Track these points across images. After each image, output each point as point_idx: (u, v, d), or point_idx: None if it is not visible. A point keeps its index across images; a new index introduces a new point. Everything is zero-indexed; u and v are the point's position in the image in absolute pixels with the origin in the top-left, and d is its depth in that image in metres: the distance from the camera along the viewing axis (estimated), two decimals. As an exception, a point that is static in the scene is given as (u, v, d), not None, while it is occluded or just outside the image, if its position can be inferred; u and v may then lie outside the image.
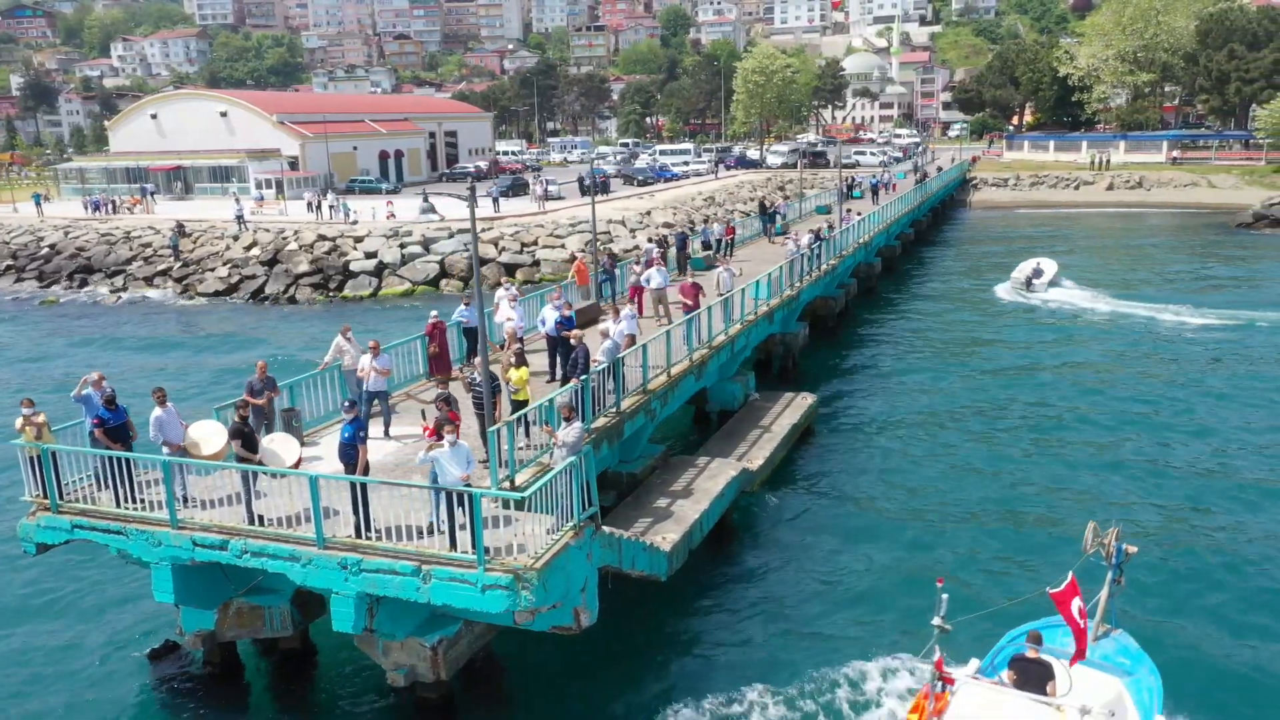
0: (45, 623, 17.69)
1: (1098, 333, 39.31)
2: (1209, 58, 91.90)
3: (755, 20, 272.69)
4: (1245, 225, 67.33)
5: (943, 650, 12.13)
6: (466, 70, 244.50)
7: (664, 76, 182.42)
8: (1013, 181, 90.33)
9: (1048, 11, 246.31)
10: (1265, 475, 23.61)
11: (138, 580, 18.16)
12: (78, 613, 17.96)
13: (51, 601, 18.38)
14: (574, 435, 14.22)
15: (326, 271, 52.72)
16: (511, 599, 12.72)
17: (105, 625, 17.51)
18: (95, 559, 18.71)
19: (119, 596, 18.31)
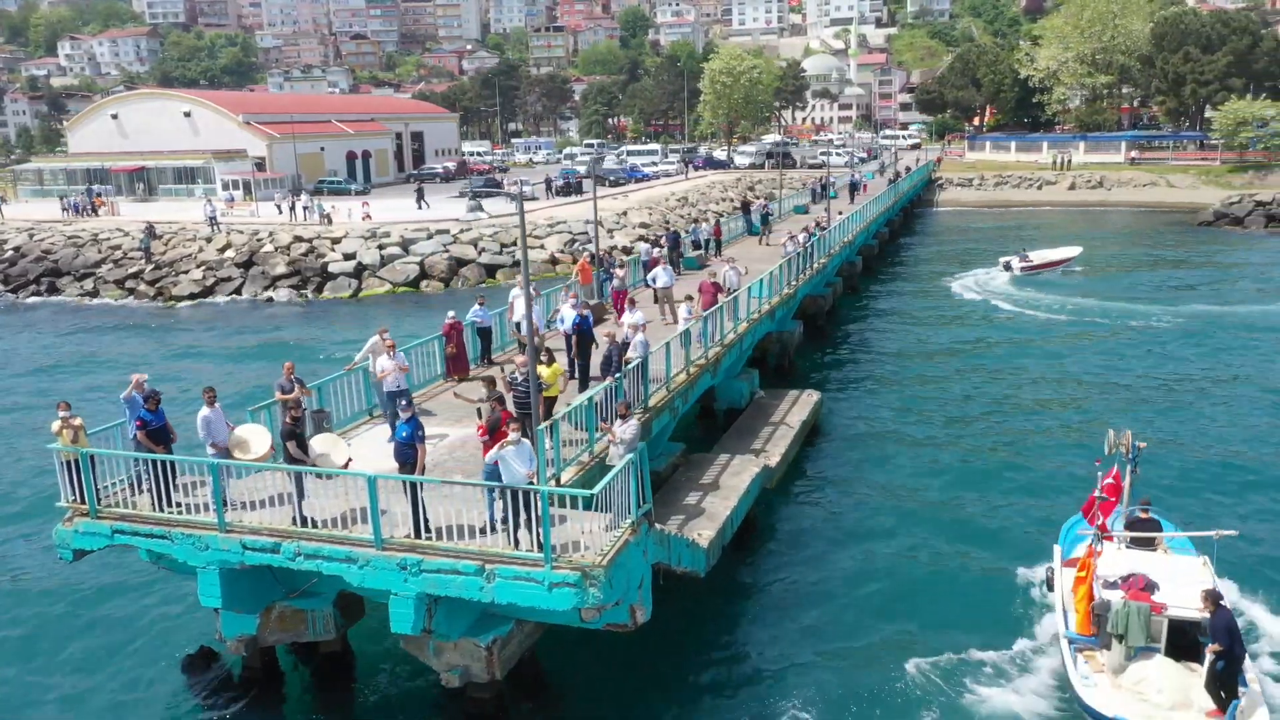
0: (76, 630, 17.33)
1: (1071, 324, 41.02)
2: (1165, 60, 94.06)
3: (713, 22, 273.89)
4: (1207, 223, 69.05)
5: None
6: (425, 71, 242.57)
7: (625, 77, 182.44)
8: (977, 182, 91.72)
9: (1000, 14, 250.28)
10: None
11: (168, 586, 17.91)
12: (108, 619, 17.61)
13: (81, 608, 18.01)
14: (631, 432, 14.25)
15: (305, 273, 52.09)
16: (579, 596, 12.71)
17: (137, 632, 17.19)
18: (123, 565, 18.35)
19: (149, 603, 17.99)
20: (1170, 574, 14.90)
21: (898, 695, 15.27)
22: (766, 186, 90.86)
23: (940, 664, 15.83)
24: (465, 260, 54.00)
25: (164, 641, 16.85)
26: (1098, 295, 46.14)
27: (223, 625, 15.42)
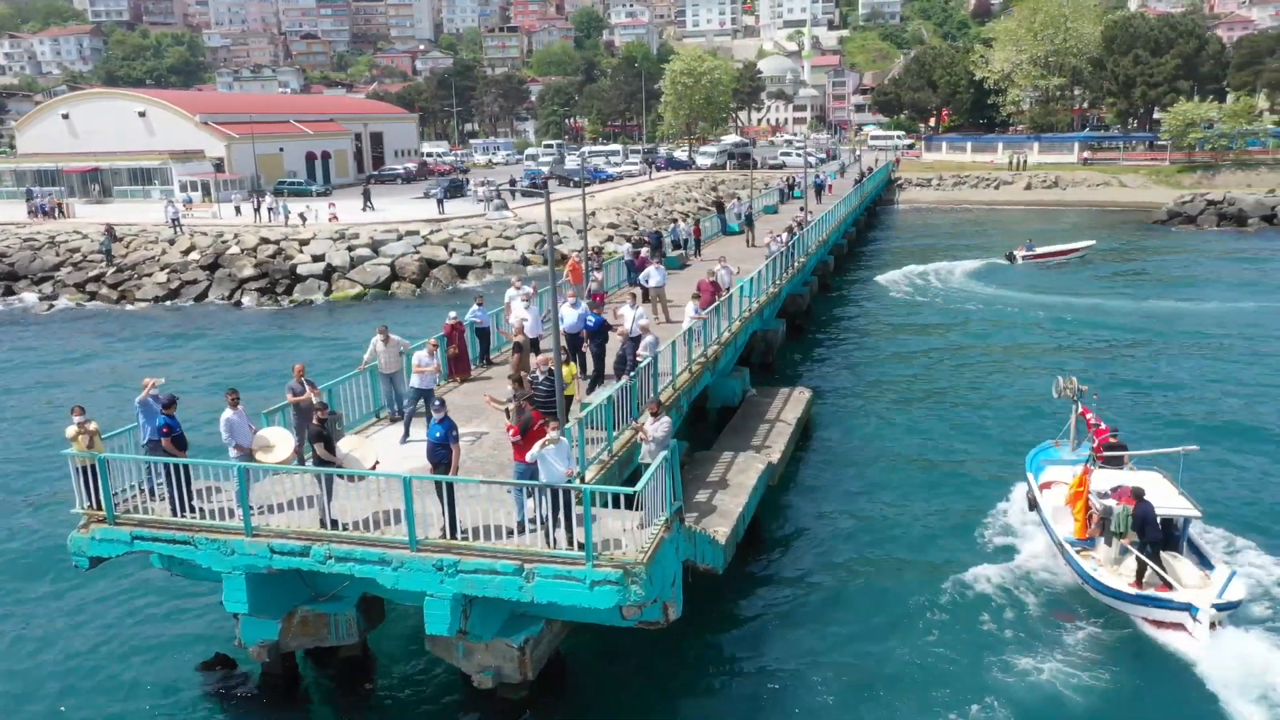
0: (87, 638, 16.92)
1: (1028, 312, 43.78)
2: (1115, 63, 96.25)
3: (667, 23, 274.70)
4: (1161, 222, 70.79)
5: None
6: (377, 71, 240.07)
7: (582, 78, 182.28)
8: (936, 181, 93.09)
9: (950, 17, 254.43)
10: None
11: (180, 592, 17.59)
12: (119, 627, 17.22)
13: (91, 616, 17.59)
14: (663, 430, 14.29)
15: (273, 275, 51.28)
16: (621, 594, 12.73)
17: (150, 639, 16.85)
18: (132, 572, 17.98)
19: (161, 609, 17.66)
20: (1146, 485, 17.64)
21: (925, 631, 16.94)
22: (730, 186, 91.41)
23: (955, 587, 18.02)
24: (436, 261, 53.60)
25: (178, 649, 16.52)
26: (1057, 288, 47.72)
27: (242, 631, 15.19)
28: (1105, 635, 16.60)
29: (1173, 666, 15.60)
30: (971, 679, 15.43)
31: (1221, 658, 15.20)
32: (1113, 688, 15.10)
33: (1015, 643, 16.38)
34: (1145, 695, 15.04)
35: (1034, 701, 14.85)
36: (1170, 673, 15.52)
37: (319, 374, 24.09)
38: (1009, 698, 14.93)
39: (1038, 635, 16.62)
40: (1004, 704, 14.78)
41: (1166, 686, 15.22)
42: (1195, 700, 14.80)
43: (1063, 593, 17.98)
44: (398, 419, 19.27)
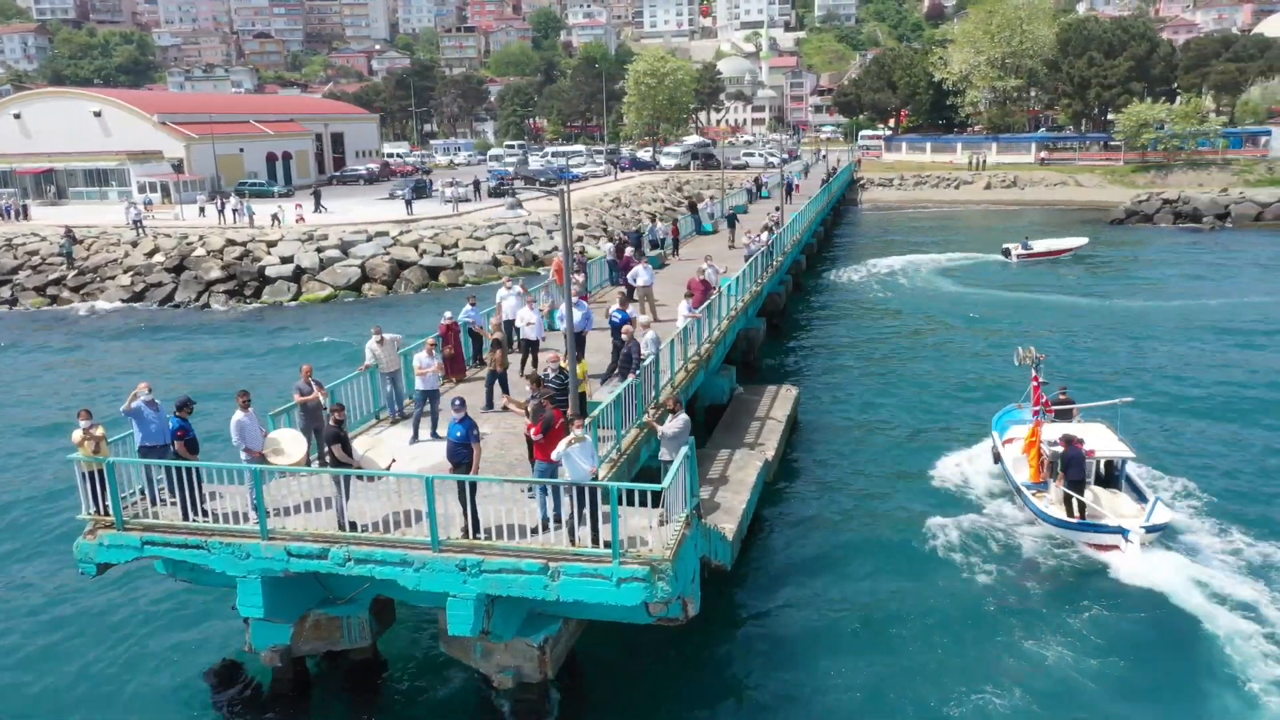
0: (91, 647, 16.57)
1: (991, 302, 45.80)
2: (1070, 65, 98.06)
3: (625, 24, 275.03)
4: (1119, 220, 72.27)
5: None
6: (333, 71, 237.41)
7: (541, 79, 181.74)
8: (898, 181, 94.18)
9: (904, 19, 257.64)
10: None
11: (183, 598, 17.30)
12: (122, 635, 16.89)
13: (94, 624, 17.23)
14: (678, 426, 14.32)
15: (241, 277, 50.54)
16: (648, 590, 12.74)
17: (154, 647, 16.54)
18: (132, 578, 17.64)
19: (165, 616, 17.33)
20: (1090, 434, 20.97)
21: (921, 573, 19.04)
22: (695, 187, 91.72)
23: (936, 537, 20.47)
24: (407, 263, 53.14)
25: (184, 656, 16.25)
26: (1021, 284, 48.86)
27: (253, 636, 15.00)
28: (1054, 561, 19.47)
29: (1109, 579, 18.47)
30: (961, 621, 17.46)
31: (1150, 570, 18.21)
32: (1061, 601, 17.96)
33: (987, 579, 18.86)
34: (1086, 603, 17.72)
35: (1013, 635, 16.97)
36: (1106, 584, 18.37)
37: (259, 380, 24.24)
38: (989, 625, 17.29)
39: (1005, 574, 18.99)
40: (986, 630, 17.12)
41: (1105, 596, 17.96)
42: (1131, 605, 17.56)
43: (1023, 530, 20.67)
44: (398, 420, 19.15)
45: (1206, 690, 15.23)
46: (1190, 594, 17.53)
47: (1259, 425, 27.33)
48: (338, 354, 36.46)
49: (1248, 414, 28.30)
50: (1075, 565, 19.20)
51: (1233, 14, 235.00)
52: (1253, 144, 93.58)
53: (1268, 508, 21.63)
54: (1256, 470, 24.04)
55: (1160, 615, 17.15)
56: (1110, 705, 14.94)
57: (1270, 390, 30.64)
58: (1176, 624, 16.88)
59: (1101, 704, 14.96)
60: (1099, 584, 18.38)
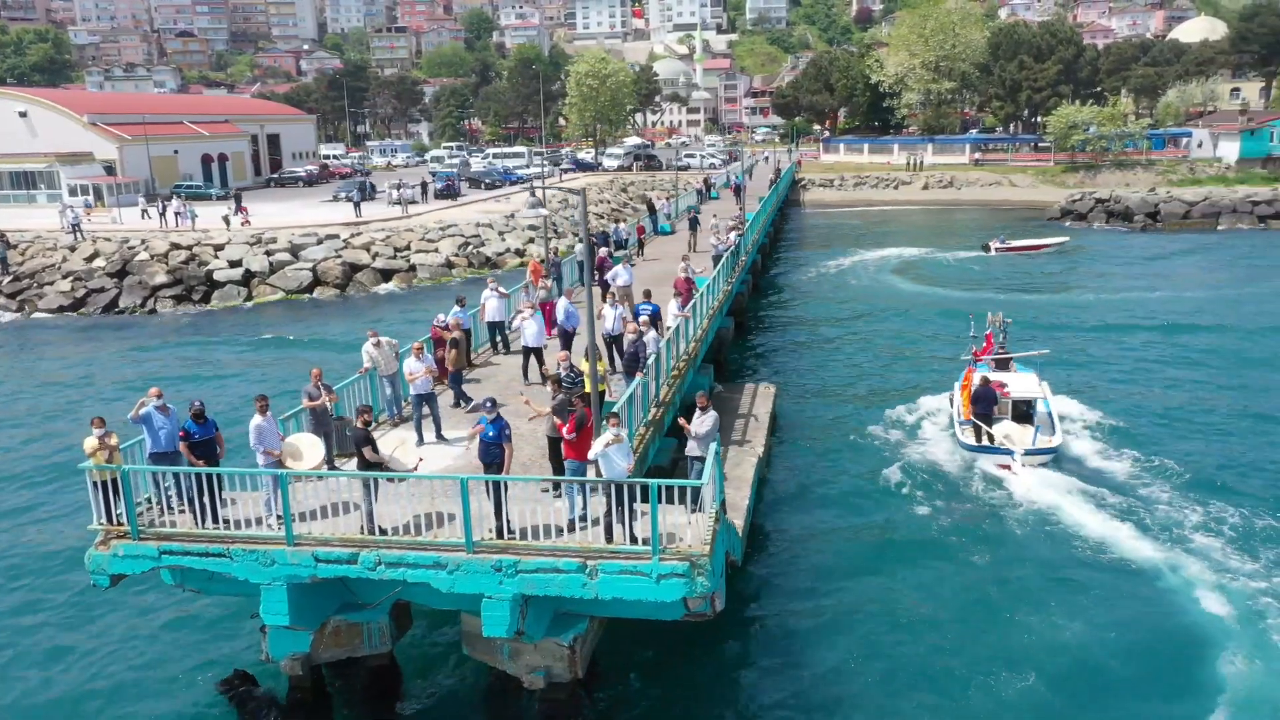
0: (97, 662, 16.05)
1: (947, 295, 45.11)
2: (1002, 68, 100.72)
3: (557, 25, 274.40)
4: (1055, 219, 74.45)
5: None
6: (260, 71, 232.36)
7: (476, 80, 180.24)
8: (838, 182, 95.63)
9: (834, 23, 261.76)
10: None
11: (188, 610, 16.88)
12: (129, 648, 16.39)
13: (99, 638, 16.69)
14: (709, 425, 14.44)
15: (188, 282, 49.29)
16: (688, 586, 12.85)
17: (163, 660, 16.11)
18: (135, 590, 17.12)
19: (170, 629, 16.88)
20: (1014, 380, 25.94)
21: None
22: (639, 188, 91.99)
23: (905, 467, 24.25)
24: (360, 265, 52.39)
25: (194, 668, 15.85)
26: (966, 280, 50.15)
27: (271, 645, 14.70)
28: (969, 479, 23.77)
29: (1003, 490, 22.95)
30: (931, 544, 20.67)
31: (1033, 483, 22.66)
32: (969, 514, 22.01)
33: (926, 509, 22.37)
34: (986, 517, 21.94)
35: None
36: (1001, 495, 22.81)
37: (263, 384, 24.18)
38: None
39: (936, 497, 22.90)
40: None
41: (999, 506, 22.27)
42: (1017, 515, 21.67)
43: (954, 458, 24.99)
44: (398, 422, 18.94)
45: (1053, 584, 18.66)
46: (1063, 503, 21.79)
47: (1175, 387, 31.80)
48: (297, 358, 35.90)
49: (1170, 379, 32.76)
50: (982, 482, 23.47)
51: (1146, 20, 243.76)
52: (1174, 145, 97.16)
53: (1159, 445, 25.79)
54: (1160, 415, 28.69)
55: (1036, 521, 21.37)
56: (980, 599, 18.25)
57: (1191, 364, 34.71)
58: (1047, 528, 21.04)
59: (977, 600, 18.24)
60: (996, 496, 22.76)
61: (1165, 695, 15.33)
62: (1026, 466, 23.02)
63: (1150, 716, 14.97)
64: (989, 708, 14.96)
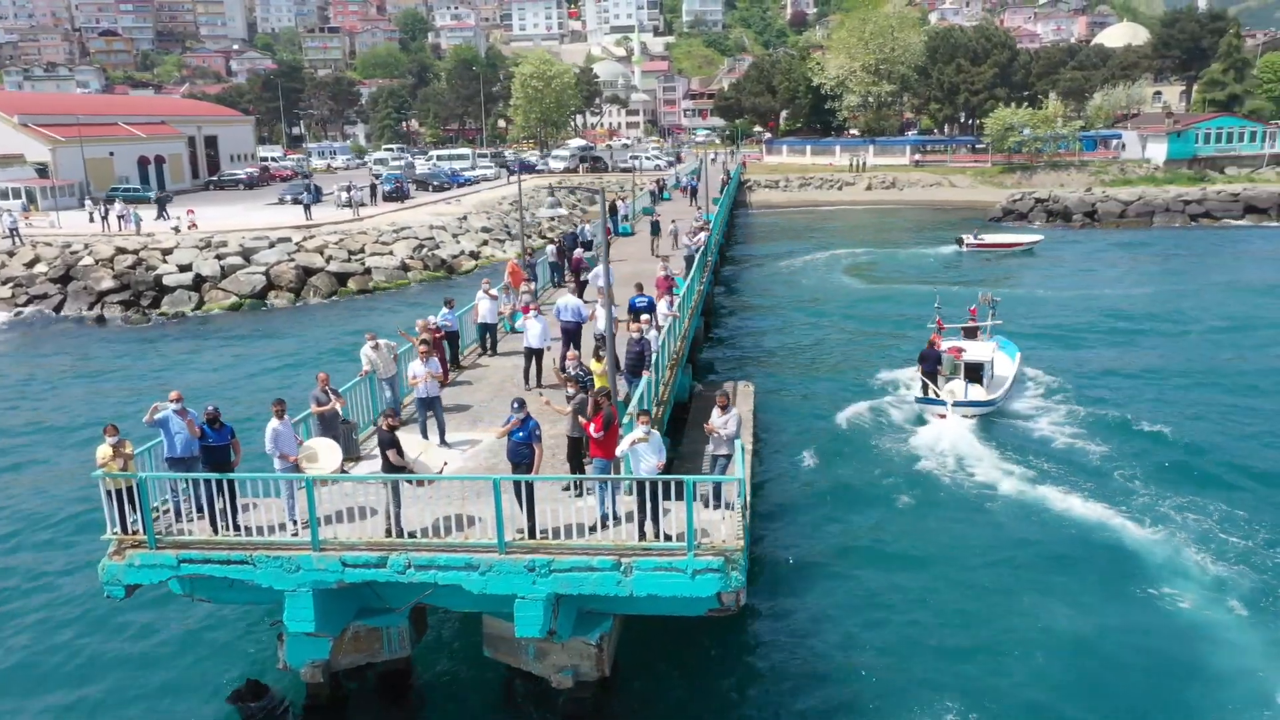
0: (103, 677, 15.55)
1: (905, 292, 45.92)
2: (940, 71, 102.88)
3: (493, 26, 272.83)
4: (997, 219, 76.27)
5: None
6: (188, 71, 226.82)
7: (414, 81, 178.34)
8: (783, 183, 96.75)
9: (769, 25, 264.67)
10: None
11: (192, 621, 16.48)
12: (135, 664, 15.92)
13: (104, 652, 16.16)
14: (735, 424, 14.55)
15: (136, 287, 47.92)
16: (723, 581, 12.96)
17: (171, 674, 15.66)
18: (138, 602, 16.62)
19: (173, 641, 16.42)
20: (972, 346, 29.29)
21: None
22: (586, 190, 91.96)
23: (885, 441, 26.40)
24: (314, 269, 51.46)
25: (204, 679, 15.47)
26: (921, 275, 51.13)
27: (289, 653, 14.46)
28: (919, 427, 27.25)
29: (938, 431, 26.54)
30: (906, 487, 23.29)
31: (960, 431, 26.30)
32: (907, 449, 25.70)
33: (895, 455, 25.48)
34: (923, 449, 25.56)
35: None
36: (935, 434, 26.33)
37: (216, 395, 24.03)
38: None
39: (895, 444, 26.25)
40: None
41: (933, 443, 25.90)
42: (942, 460, 24.87)
43: (912, 411, 28.54)
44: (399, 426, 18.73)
45: (958, 515, 21.66)
46: (978, 450, 25.36)
47: (1132, 364, 34.68)
48: (256, 365, 35.30)
49: (1131, 359, 35.59)
50: (926, 429, 26.96)
51: (1069, 25, 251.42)
52: (1105, 147, 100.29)
53: (1099, 405, 29.07)
54: (1109, 383, 31.98)
55: (957, 460, 24.86)
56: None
57: (1149, 344, 37.94)
58: (969, 469, 24.33)
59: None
60: (930, 440, 26.23)
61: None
62: (957, 415, 26.81)
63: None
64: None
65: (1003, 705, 14.85)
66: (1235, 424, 27.72)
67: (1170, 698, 15.05)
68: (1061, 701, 14.92)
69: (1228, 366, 34.00)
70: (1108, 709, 14.75)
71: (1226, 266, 55.47)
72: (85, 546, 19.38)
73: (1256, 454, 25.16)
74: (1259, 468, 24.13)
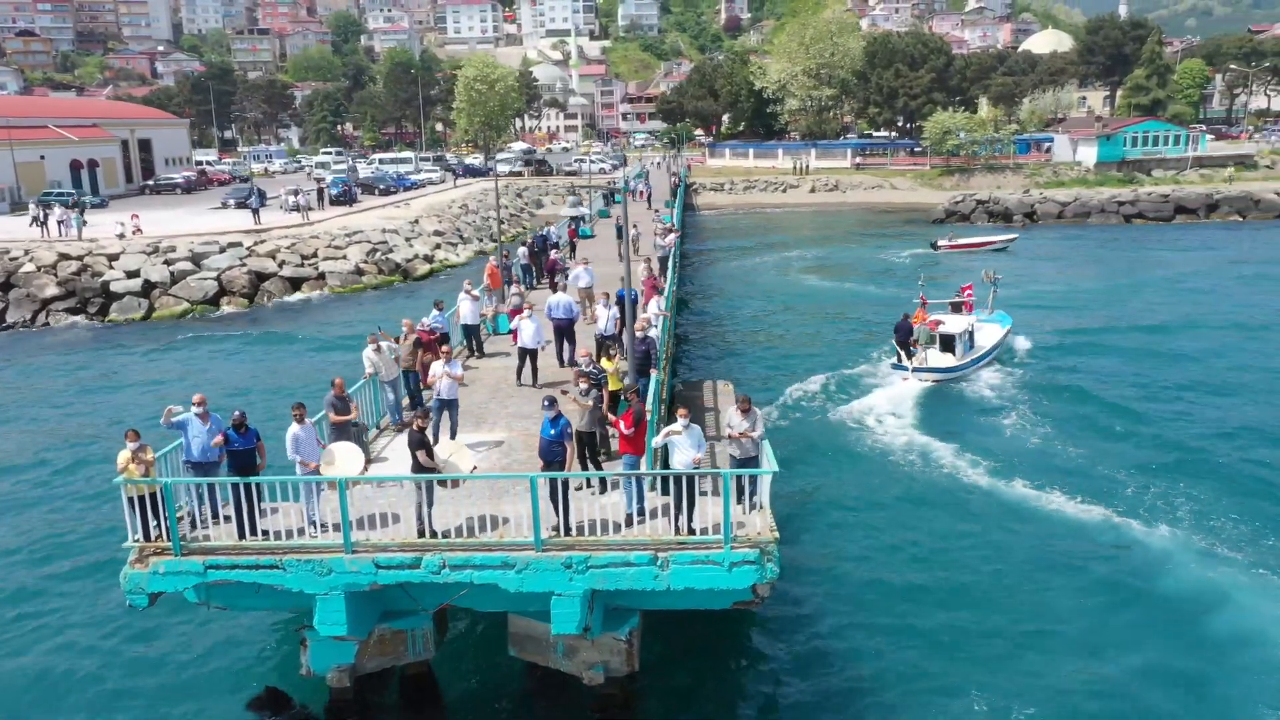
0: (116, 690, 15.14)
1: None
2: (879, 76, 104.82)
3: (427, 29, 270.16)
4: (940, 220, 77.94)
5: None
6: (111, 73, 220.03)
7: (349, 84, 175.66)
8: (729, 186, 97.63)
9: (704, 30, 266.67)
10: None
11: (202, 630, 16.13)
12: (148, 675, 15.52)
13: (115, 663, 15.72)
14: (761, 426, 14.68)
15: (82, 294, 46.54)
16: (758, 573, 13.15)
17: (186, 681, 15.32)
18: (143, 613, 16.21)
19: (184, 650, 16.05)
20: (950, 319, 32.69)
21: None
22: (534, 193, 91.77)
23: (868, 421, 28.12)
24: (266, 274, 50.53)
25: (220, 688, 15.16)
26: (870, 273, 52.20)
27: (312, 658, 14.26)
28: (894, 387, 30.60)
29: (901, 393, 30.04)
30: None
31: (914, 392, 29.81)
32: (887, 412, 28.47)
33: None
34: (892, 411, 28.55)
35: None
36: (898, 395, 29.76)
37: (176, 398, 23.86)
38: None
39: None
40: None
41: (895, 406, 29.00)
42: (898, 420, 27.95)
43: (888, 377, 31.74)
44: (402, 428, 18.59)
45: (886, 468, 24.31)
46: (934, 410, 28.74)
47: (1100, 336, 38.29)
48: (207, 371, 34.65)
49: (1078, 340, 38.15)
50: (891, 391, 30.36)
51: (995, 33, 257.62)
52: (1038, 150, 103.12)
53: (1058, 371, 33.04)
54: (1079, 357, 35.11)
55: (910, 416, 28.30)
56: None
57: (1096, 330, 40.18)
58: (924, 425, 27.41)
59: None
60: (891, 403, 29.32)
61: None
62: (915, 379, 30.51)
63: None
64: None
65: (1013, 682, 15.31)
66: (1197, 404, 29.95)
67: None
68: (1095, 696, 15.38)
69: (1206, 352, 36.03)
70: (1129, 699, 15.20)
71: (1192, 260, 57.78)
72: (87, 556, 18.89)
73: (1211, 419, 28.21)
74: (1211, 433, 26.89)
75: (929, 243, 64.69)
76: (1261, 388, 31.18)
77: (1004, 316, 36.15)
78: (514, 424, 18.81)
